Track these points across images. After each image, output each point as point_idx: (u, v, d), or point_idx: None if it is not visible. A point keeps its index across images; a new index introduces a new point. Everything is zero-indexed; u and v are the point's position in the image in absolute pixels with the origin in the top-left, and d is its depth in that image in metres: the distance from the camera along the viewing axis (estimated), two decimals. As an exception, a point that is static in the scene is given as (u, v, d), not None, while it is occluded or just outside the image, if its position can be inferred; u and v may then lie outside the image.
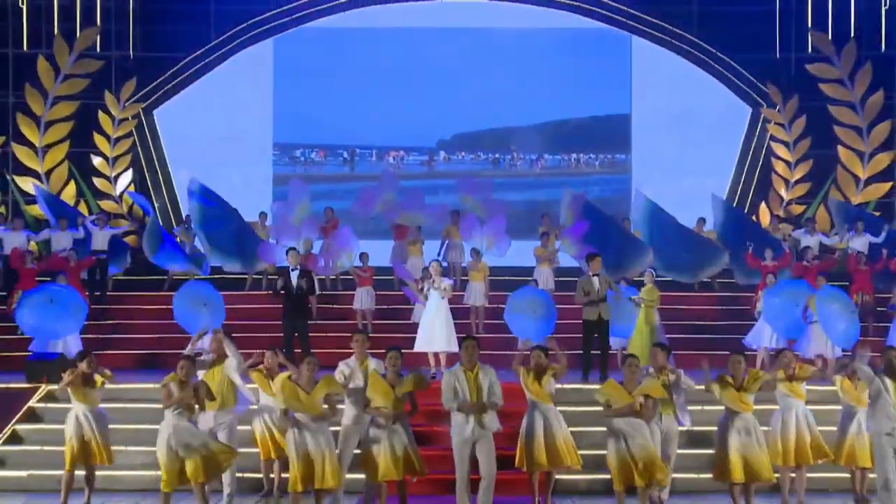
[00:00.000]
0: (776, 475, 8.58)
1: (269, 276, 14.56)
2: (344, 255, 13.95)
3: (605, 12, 18.26)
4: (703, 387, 8.49)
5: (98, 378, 8.69)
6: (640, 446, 7.85)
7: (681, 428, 8.78)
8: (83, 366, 8.68)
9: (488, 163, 18.86)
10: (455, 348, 11.38)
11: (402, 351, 8.28)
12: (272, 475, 9.02)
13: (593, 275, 11.71)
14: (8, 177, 17.66)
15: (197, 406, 8.05)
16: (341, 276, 15.00)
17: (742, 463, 8.07)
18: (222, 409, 8.57)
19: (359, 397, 8.21)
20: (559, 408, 8.69)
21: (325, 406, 7.87)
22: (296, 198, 14.87)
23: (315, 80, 18.29)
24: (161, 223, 16.70)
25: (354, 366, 8.41)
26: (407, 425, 8.06)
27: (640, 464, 7.80)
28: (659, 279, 13.70)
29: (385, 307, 14.04)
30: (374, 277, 13.98)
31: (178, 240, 15.31)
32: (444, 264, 14.39)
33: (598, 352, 11.55)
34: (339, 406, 8.41)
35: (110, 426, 8.99)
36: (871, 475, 8.97)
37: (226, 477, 8.54)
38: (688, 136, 17.96)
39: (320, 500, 7.96)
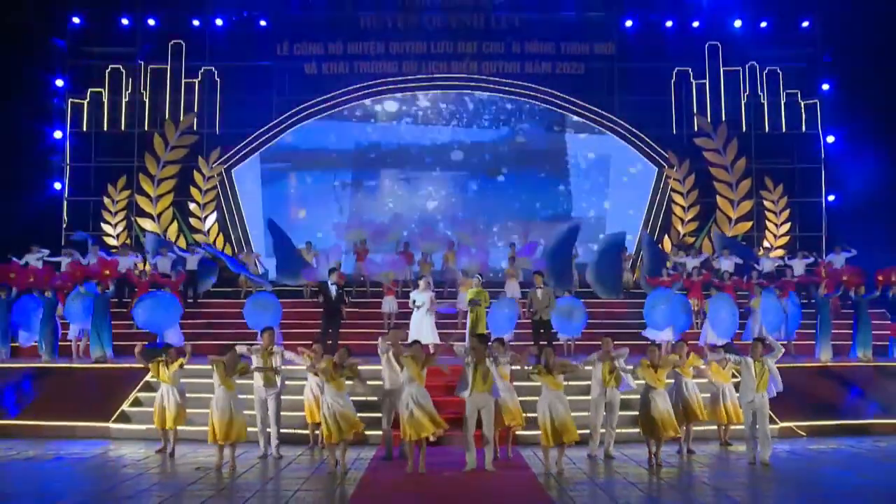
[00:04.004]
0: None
1: (312, 289, 14.18)
2: (385, 273, 13.84)
3: (556, 101, 18.18)
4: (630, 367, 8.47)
5: (175, 363, 8.59)
6: (561, 413, 7.76)
7: (622, 395, 8.60)
8: (165, 357, 8.71)
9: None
10: (437, 340, 11.34)
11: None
12: (317, 432, 8.89)
13: (537, 288, 11.68)
14: (132, 218, 17.78)
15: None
16: (370, 289, 14.94)
17: (661, 422, 8.00)
18: (270, 385, 8.50)
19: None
20: (518, 384, 8.67)
21: (349, 382, 7.79)
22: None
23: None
24: (234, 251, 16.80)
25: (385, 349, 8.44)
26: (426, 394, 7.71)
27: (559, 425, 7.71)
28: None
29: (403, 311, 13.53)
30: (396, 290, 13.85)
31: (240, 261, 15.01)
32: (442, 279, 14.54)
33: (546, 343, 11.07)
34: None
35: (196, 395, 8.89)
36: (733, 427, 9.15)
37: (273, 431, 8.54)
38: (617, 187, 18.01)
39: (345, 447, 7.86)
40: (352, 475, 7.63)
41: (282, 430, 8.77)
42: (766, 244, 17.68)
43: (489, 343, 8.44)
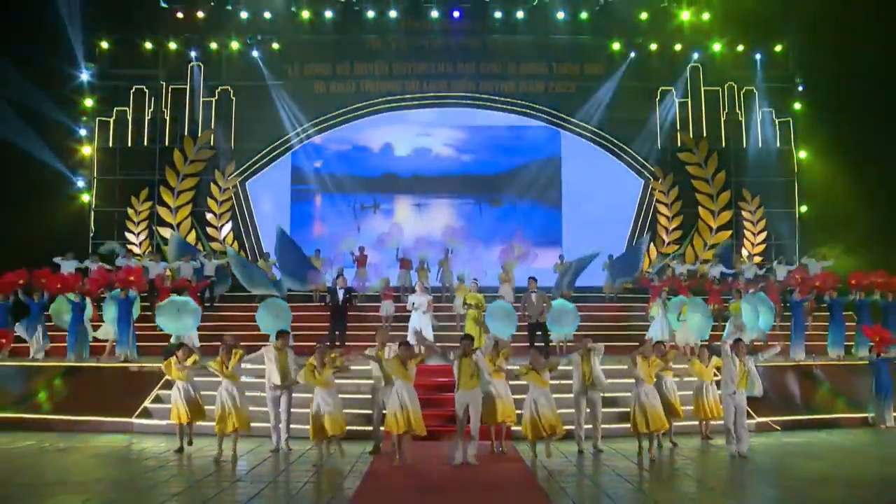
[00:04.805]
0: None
1: (321, 294, 14.27)
2: (379, 279, 14.02)
3: (550, 118, 18.38)
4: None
5: (189, 360, 8.55)
6: (545, 408, 7.84)
7: (603, 395, 8.66)
8: (179, 355, 8.62)
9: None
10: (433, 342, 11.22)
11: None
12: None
13: (531, 291, 11.74)
14: (154, 227, 17.90)
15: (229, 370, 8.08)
16: (370, 294, 15.01)
17: (651, 417, 7.98)
18: (285, 384, 8.49)
19: (377, 371, 8.32)
20: (513, 383, 8.65)
21: (334, 378, 7.78)
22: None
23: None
24: (248, 258, 16.73)
25: (373, 351, 8.52)
26: (413, 393, 7.71)
27: (545, 420, 7.80)
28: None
29: (400, 314, 13.67)
30: (394, 294, 13.93)
31: (258, 267, 14.88)
32: (438, 284, 14.63)
33: (542, 344, 11.27)
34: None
35: (207, 393, 8.80)
36: (713, 422, 9.13)
37: (282, 426, 8.49)
38: (606, 198, 17.91)
39: (334, 442, 7.88)
40: (357, 468, 7.67)
41: (292, 426, 8.77)
42: (744, 252, 17.77)
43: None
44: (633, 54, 18.41)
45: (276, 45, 18.45)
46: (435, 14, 18.54)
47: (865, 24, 15.38)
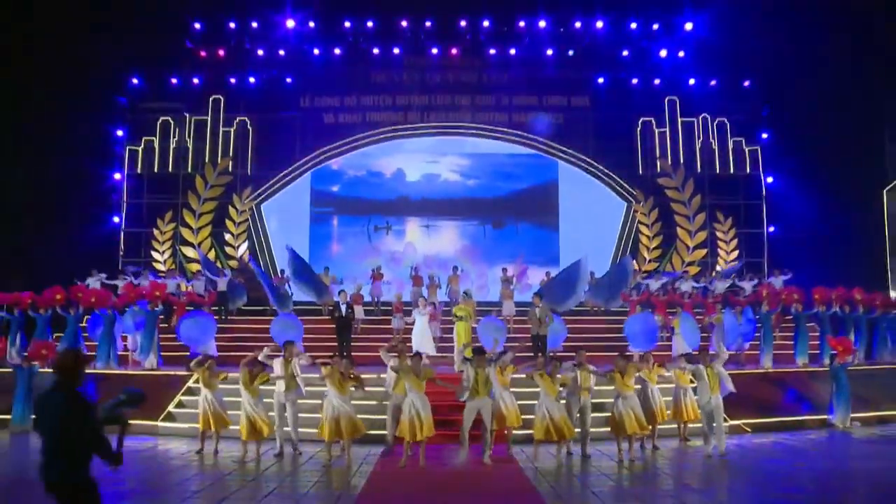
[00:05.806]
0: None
1: (329, 308, 14.22)
2: (395, 294, 14.16)
3: (540, 146, 18.50)
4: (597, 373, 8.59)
5: (219, 374, 8.65)
6: (557, 415, 7.99)
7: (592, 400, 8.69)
8: (207, 365, 8.60)
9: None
10: (433, 352, 11.35)
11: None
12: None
13: (535, 306, 11.75)
14: (177, 246, 18.06)
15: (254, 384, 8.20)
16: (381, 307, 15.23)
17: (628, 422, 8.07)
18: (289, 390, 8.51)
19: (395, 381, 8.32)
20: (519, 389, 8.74)
21: (352, 389, 7.96)
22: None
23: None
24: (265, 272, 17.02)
25: (395, 362, 8.41)
26: (426, 400, 7.71)
27: (555, 424, 7.92)
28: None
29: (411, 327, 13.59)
30: (404, 309, 13.90)
31: (275, 284, 14.96)
32: (448, 299, 14.81)
33: (541, 354, 11.17)
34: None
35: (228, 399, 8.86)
36: (691, 425, 9.21)
37: (289, 430, 8.48)
38: (596, 220, 18.13)
39: (349, 445, 7.96)
40: (363, 469, 7.68)
41: (301, 430, 8.72)
42: (718, 268, 17.90)
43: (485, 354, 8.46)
44: (615, 88, 18.74)
45: (289, 80, 18.74)
46: (435, 51, 18.89)
47: (825, 61, 15.79)
